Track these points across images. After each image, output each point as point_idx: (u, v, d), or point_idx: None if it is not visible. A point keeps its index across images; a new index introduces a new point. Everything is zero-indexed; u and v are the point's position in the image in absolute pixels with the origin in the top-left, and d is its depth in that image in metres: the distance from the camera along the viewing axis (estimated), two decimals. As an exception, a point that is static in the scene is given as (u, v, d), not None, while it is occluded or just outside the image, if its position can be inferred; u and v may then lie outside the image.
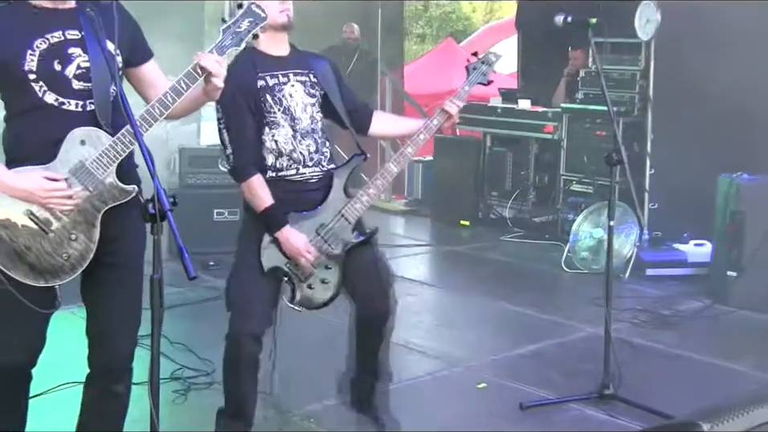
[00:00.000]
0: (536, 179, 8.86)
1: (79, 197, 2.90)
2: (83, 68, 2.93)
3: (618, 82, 8.06)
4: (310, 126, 3.81)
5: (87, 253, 2.94)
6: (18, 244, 2.88)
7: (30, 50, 2.87)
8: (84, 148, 2.91)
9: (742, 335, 5.87)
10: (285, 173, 3.76)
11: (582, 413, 4.45)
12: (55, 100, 2.91)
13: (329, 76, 3.93)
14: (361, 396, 4.14)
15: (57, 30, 2.92)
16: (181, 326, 5.62)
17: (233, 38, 2.99)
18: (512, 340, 5.64)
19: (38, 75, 2.88)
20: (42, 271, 2.91)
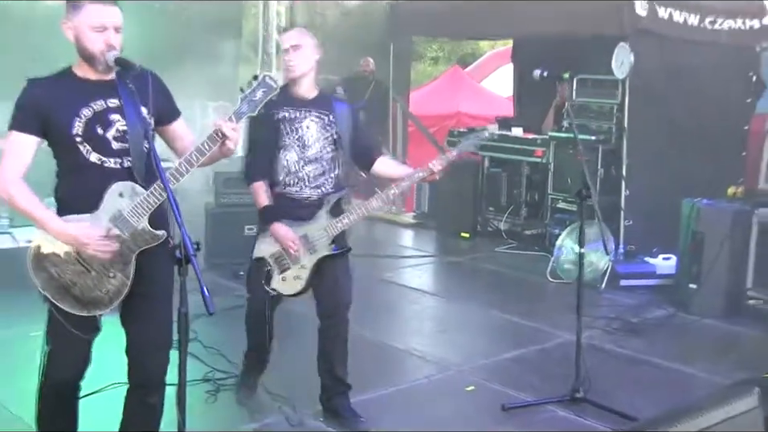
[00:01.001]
0: (527, 197, 8.93)
1: (116, 242, 3.06)
2: (122, 131, 3.10)
3: (599, 114, 8.12)
4: (318, 154, 4.19)
5: (123, 288, 3.11)
6: (66, 280, 3.07)
7: (78, 117, 3.05)
8: (122, 200, 3.08)
9: (699, 341, 5.90)
10: (291, 189, 4.18)
11: (556, 414, 4.51)
12: (98, 159, 3.08)
13: (345, 120, 4.27)
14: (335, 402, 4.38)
15: (100, 99, 3.09)
16: (214, 331, 5.60)
17: (249, 105, 3.11)
18: (499, 346, 5.67)
19: (83, 138, 3.06)
20: (85, 303, 3.09)
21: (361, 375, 4.90)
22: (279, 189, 4.19)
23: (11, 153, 3.06)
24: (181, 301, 2.83)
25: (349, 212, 4.19)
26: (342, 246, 4.25)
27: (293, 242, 4.10)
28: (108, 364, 3.57)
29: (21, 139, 3.05)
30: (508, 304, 6.63)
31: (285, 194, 4.19)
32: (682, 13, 7.70)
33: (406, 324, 6.22)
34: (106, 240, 3.04)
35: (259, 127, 4.15)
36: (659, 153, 7.60)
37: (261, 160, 4.20)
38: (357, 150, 4.33)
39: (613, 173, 7.85)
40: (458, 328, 6.24)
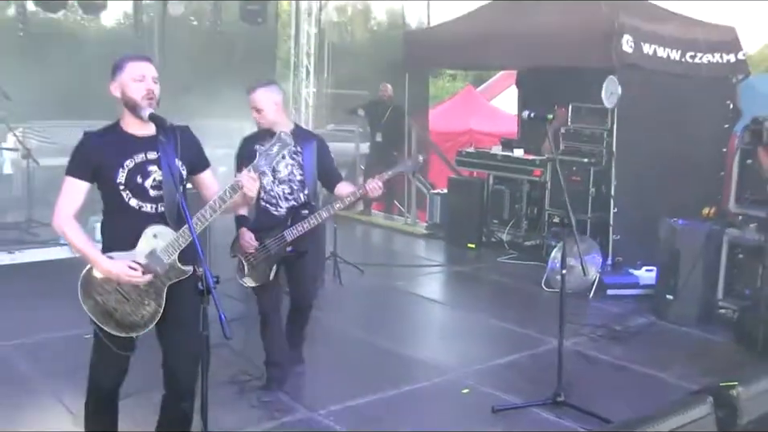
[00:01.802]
0: (527, 211, 9.02)
1: (150, 277, 3.30)
2: (158, 181, 3.32)
3: (591, 138, 8.24)
4: (288, 177, 4.80)
5: (156, 314, 3.36)
6: (109, 307, 3.32)
7: (122, 168, 3.28)
8: (156, 240, 3.31)
9: (674, 348, 5.94)
10: (269, 205, 4.80)
11: (539, 416, 4.61)
12: (137, 204, 3.31)
13: (311, 150, 4.83)
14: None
15: (140, 152, 3.32)
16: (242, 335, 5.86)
17: (267, 159, 3.31)
18: (494, 352, 5.75)
19: (125, 186, 3.29)
20: (125, 326, 3.34)
21: (366, 378, 5.11)
22: (262, 205, 4.81)
23: (66, 195, 3.30)
24: (202, 325, 3.03)
25: (303, 222, 4.69)
26: (298, 249, 4.78)
27: (250, 245, 4.67)
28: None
29: (75, 183, 3.30)
30: (504, 312, 6.72)
31: (266, 210, 4.82)
32: (665, 49, 7.81)
33: (412, 330, 6.37)
34: (141, 275, 3.27)
35: (243, 158, 4.66)
36: (644, 174, 7.71)
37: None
38: (322, 175, 4.90)
39: (603, 191, 7.98)
40: (458, 335, 6.35)
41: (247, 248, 4.67)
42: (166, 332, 3.45)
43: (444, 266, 8.68)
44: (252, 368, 5.16)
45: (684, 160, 7.75)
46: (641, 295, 7.10)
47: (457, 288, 8.10)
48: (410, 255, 9.00)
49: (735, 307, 6.30)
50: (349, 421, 4.50)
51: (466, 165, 9.67)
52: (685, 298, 6.36)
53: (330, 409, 4.62)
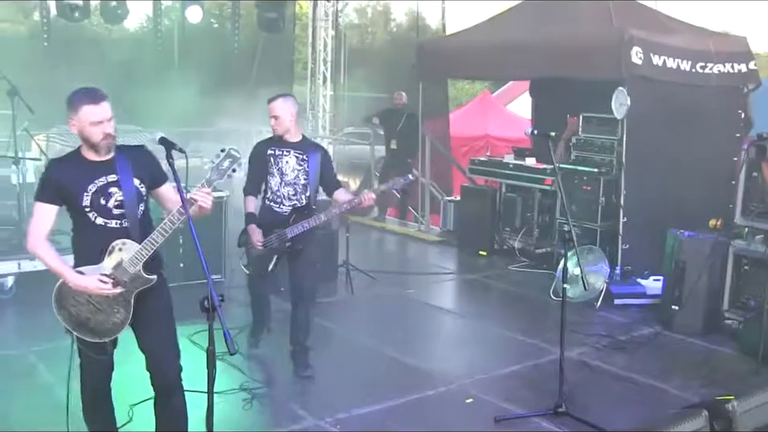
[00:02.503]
0: (539, 219, 9.13)
1: (118, 287, 3.60)
2: (119, 200, 3.63)
3: (601, 148, 8.33)
4: (293, 180, 5.41)
5: (126, 320, 3.68)
6: (82, 317, 3.65)
7: (85, 192, 3.59)
8: (121, 253, 3.62)
9: (677, 358, 6.03)
10: (274, 204, 5.44)
11: (540, 426, 4.73)
12: (102, 222, 3.63)
13: (316, 159, 5.42)
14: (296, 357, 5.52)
15: (101, 176, 3.62)
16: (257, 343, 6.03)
17: (218, 173, 3.59)
18: (500, 361, 5.85)
19: (90, 207, 3.60)
20: (98, 333, 3.67)
21: (373, 387, 5.24)
22: (267, 203, 5.48)
23: (37, 219, 3.60)
24: (209, 341, 3.23)
25: (303, 222, 5.30)
26: (296, 245, 5.35)
27: (259, 240, 5.32)
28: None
29: (44, 208, 3.60)
30: (512, 322, 6.84)
31: (270, 207, 5.46)
32: (675, 60, 7.87)
33: (420, 339, 6.46)
34: (111, 287, 3.57)
35: (255, 159, 5.47)
36: (654, 184, 7.78)
37: (253, 182, 5.49)
38: (323, 182, 5.51)
39: (613, 201, 8.05)
40: (465, 344, 6.46)
41: (255, 244, 5.33)
42: (143, 336, 3.78)
43: (455, 274, 8.78)
44: (259, 376, 5.34)
45: (694, 170, 7.81)
46: (648, 304, 7.18)
47: (467, 297, 8.21)
48: (422, 263, 9.12)
49: (740, 318, 6.37)
50: (354, 428, 4.63)
51: (478, 173, 9.78)
52: (690, 308, 6.44)
53: (337, 417, 4.76)
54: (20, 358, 5.59)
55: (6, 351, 5.71)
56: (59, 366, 5.22)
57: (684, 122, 7.80)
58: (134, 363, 3.88)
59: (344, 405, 4.92)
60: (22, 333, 6.17)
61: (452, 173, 11.14)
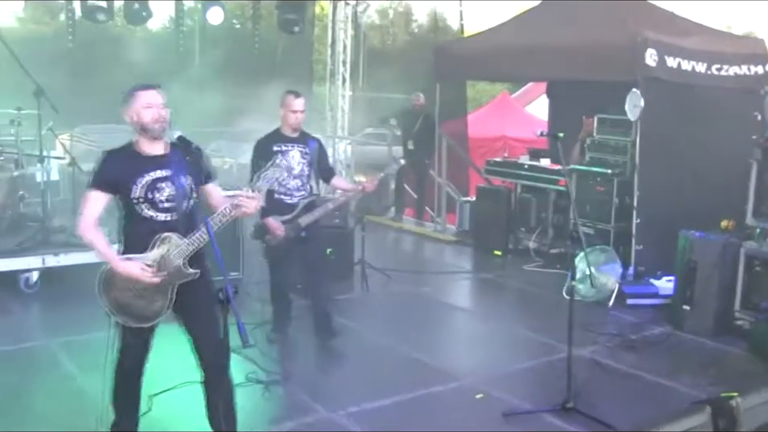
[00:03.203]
0: (553, 220, 9.17)
1: (160, 277, 3.77)
2: (169, 195, 3.79)
3: (615, 149, 8.39)
4: (299, 173, 5.80)
5: (164, 309, 3.86)
6: (124, 302, 3.83)
7: (136, 185, 3.76)
8: (167, 246, 3.80)
9: (687, 358, 6.08)
10: (283, 196, 5.77)
11: (548, 421, 4.80)
12: (151, 215, 3.80)
13: (315, 149, 5.87)
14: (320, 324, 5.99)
15: (153, 170, 3.80)
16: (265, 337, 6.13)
17: (266, 181, 3.80)
18: (511, 358, 5.94)
19: (141, 199, 3.77)
20: (137, 318, 3.86)
21: (384, 382, 5.35)
22: (276, 196, 5.75)
23: (89, 206, 3.82)
24: (223, 331, 3.42)
25: (314, 211, 5.82)
26: (310, 232, 5.83)
27: (279, 229, 5.70)
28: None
29: (96, 196, 3.81)
30: (524, 320, 6.92)
31: (280, 200, 5.78)
32: (690, 62, 7.91)
33: (433, 337, 6.56)
34: (153, 275, 3.75)
35: (258, 156, 5.63)
36: (667, 186, 7.80)
37: None
38: (321, 169, 5.98)
39: (627, 202, 8.11)
40: (477, 342, 6.57)
41: (277, 233, 5.71)
42: (189, 321, 3.95)
43: (470, 273, 8.88)
44: (274, 369, 5.45)
45: (708, 171, 7.83)
46: (660, 304, 7.21)
47: (481, 296, 8.31)
48: (437, 262, 9.23)
49: (751, 319, 6.40)
50: (365, 422, 4.74)
51: (494, 173, 9.88)
52: (701, 309, 6.49)
53: (348, 410, 4.87)
54: (44, 349, 5.77)
55: (30, 342, 5.90)
56: (82, 357, 5.47)
57: (699, 124, 7.84)
58: (153, 356, 4.04)
59: (355, 399, 5.03)
60: (46, 326, 6.37)
61: (468, 173, 11.24)
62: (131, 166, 3.79)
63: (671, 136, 7.78)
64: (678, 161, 7.80)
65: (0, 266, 6.94)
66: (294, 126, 5.78)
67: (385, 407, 4.97)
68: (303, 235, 5.80)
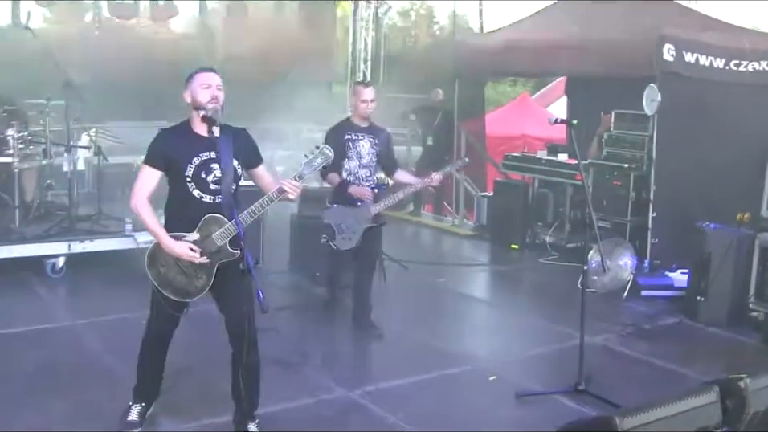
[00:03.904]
0: (570, 214, 9.24)
1: (205, 256, 3.89)
2: (218, 177, 3.90)
3: (633, 144, 8.45)
4: (368, 162, 5.92)
5: (206, 286, 3.98)
6: (169, 277, 3.97)
7: (190, 164, 3.90)
8: (212, 227, 3.90)
9: (700, 346, 6.16)
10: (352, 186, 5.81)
11: (559, 402, 4.90)
12: (199, 195, 3.93)
13: (384, 141, 6.01)
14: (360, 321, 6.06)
15: (205, 152, 3.92)
16: (293, 322, 6.35)
17: (310, 168, 3.89)
18: (525, 345, 6.03)
19: (191, 179, 3.90)
20: (179, 293, 4.00)
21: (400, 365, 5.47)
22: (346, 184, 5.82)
23: (142, 182, 3.97)
24: (243, 301, 3.63)
25: (384, 201, 5.87)
26: (379, 222, 5.96)
27: (366, 193, 5.81)
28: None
29: (150, 172, 3.96)
30: (540, 309, 7.01)
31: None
32: (708, 57, 7.95)
33: (448, 325, 6.65)
34: (199, 255, 3.88)
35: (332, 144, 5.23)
36: (684, 180, 7.86)
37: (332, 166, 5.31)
38: (386, 162, 6.08)
39: (643, 196, 8.17)
40: (492, 330, 6.68)
41: (365, 195, 5.80)
42: (222, 298, 4.09)
43: (487, 265, 8.98)
44: (296, 350, 5.62)
45: (725, 166, 7.83)
46: (675, 296, 7.27)
47: (497, 286, 8.41)
48: (454, 255, 9.33)
49: (765, 310, 6.45)
50: (380, 400, 4.87)
51: (512, 168, 9.97)
52: (715, 299, 6.56)
53: (364, 389, 5.00)
54: (70, 330, 5.95)
55: (56, 323, 6.08)
56: (107, 337, 5.64)
57: (717, 119, 7.87)
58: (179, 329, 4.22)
59: (372, 379, 5.19)
60: (72, 308, 6.56)
61: (485, 169, 11.31)
62: (184, 145, 3.93)
63: (688, 130, 7.83)
64: (695, 156, 7.84)
65: (28, 251, 7.13)
66: (364, 115, 5.87)
67: (400, 386, 5.10)
68: (370, 225, 5.88)
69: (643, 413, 3.97)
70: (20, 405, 4.55)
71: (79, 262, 7.33)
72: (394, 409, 4.73)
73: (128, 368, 4.42)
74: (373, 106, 5.87)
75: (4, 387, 4.80)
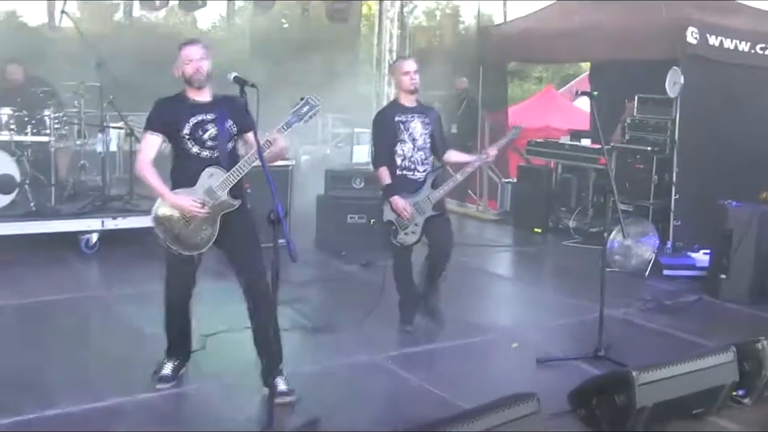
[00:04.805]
0: (593, 199, 9.30)
1: (207, 207, 4.15)
2: (213, 135, 4.20)
3: (655, 127, 8.51)
4: (423, 145, 5.44)
5: (211, 238, 4.24)
6: (175, 232, 4.21)
7: (187, 123, 4.19)
8: (212, 179, 4.19)
9: (720, 321, 6.22)
10: (407, 172, 5.40)
11: (579, 367, 4.98)
12: (197, 151, 4.20)
13: (435, 120, 5.55)
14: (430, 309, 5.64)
15: (201, 114, 4.23)
16: (318, 295, 6.51)
17: (297, 117, 4.15)
18: (547, 317, 6.14)
19: (189, 136, 4.18)
20: (187, 246, 4.24)
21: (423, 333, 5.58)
22: (399, 172, 5.40)
23: (145, 147, 4.27)
24: (274, 250, 3.72)
25: (444, 186, 5.40)
26: (441, 210, 5.46)
27: (406, 210, 5.31)
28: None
29: (151, 137, 4.26)
30: (562, 286, 7.09)
31: (404, 176, 5.42)
32: (733, 40, 8.01)
33: (472, 298, 6.74)
34: (200, 206, 4.14)
35: (382, 128, 5.44)
36: (705, 162, 7.92)
37: (383, 152, 5.44)
38: (438, 143, 5.55)
39: (666, 179, 8.23)
40: (515, 303, 6.82)
41: (402, 213, 5.31)
42: (232, 254, 4.34)
43: (510, 246, 9.09)
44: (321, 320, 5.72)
45: (748, 149, 7.89)
46: (696, 276, 7.30)
47: (520, 265, 8.53)
48: (478, 237, 9.42)
49: (786, 286, 6.50)
50: (403, 363, 4.99)
51: (535, 153, 10.04)
52: (737, 277, 6.59)
53: (389, 354, 5.12)
54: (102, 299, 6.14)
55: (91, 293, 6.30)
56: (138, 305, 5.82)
57: (741, 102, 7.92)
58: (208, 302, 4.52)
59: (395, 345, 5.30)
60: (104, 280, 6.79)
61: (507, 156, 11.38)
62: (180, 110, 4.24)
63: (711, 114, 7.89)
64: (718, 138, 7.88)
65: (63, 227, 7.35)
66: (410, 88, 5.39)
67: (423, 351, 5.23)
68: (432, 214, 5.40)
69: (660, 369, 4.09)
70: (58, 359, 4.76)
71: (112, 239, 7.53)
72: (417, 372, 4.86)
73: (160, 331, 4.59)
74: (417, 78, 5.39)
75: (43, 345, 5.03)
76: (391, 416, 4.34)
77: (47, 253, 7.18)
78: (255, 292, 4.22)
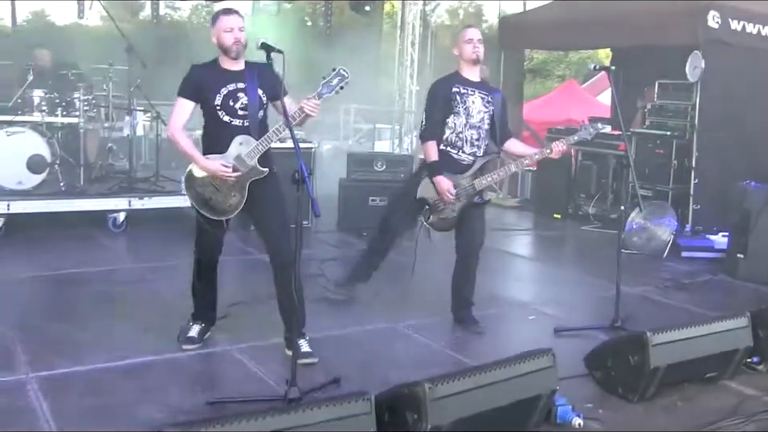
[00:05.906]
0: (613, 185, 9.35)
1: (237, 174, 4.27)
2: (244, 104, 4.30)
3: (675, 113, 8.56)
4: (478, 123, 4.98)
5: (240, 204, 4.35)
6: (205, 196, 4.34)
7: (218, 94, 4.29)
8: (242, 147, 4.31)
9: (736, 299, 6.26)
10: (450, 149, 4.97)
11: (595, 337, 5.01)
12: (229, 120, 4.31)
13: (499, 102, 5.09)
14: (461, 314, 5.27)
15: (232, 83, 4.32)
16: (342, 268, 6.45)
17: (328, 88, 4.23)
18: (565, 293, 6.27)
19: (221, 106, 4.29)
20: (217, 211, 4.36)
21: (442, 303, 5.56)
22: (442, 147, 4.99)
23: (177, 111, 4.37)
24: (298, 212, 3.81)
25: (493, 173, 5.01)
26: (484, 199, 5.10)
27: (450, 192, 4.94)
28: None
29: (183, 103, 4.34)
30: (581, 266, 7.21)
31: (447, 152, 5.00)
32: (756, 25, 8.02)
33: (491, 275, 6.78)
34: (230, 172, 4.26)
35: (437, 98, 4.97)
36: (725, 147, 7.96)
37: (435, 124, 4.98)
38: (499, 129, 5.09)
39: (686, 164, 8.27)
40: (534, 280, 6.94)
41: (444, 195, 4.93)
42: (259, 221, 4.48)
43: (530, 230, 9.22)
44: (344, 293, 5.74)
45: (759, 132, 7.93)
46: (715, 258, 7.37)
47: (540, 247, 8.64)
48: (498, 222, 9.48)
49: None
50: (423, 331, 5.12)
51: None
52: (755, 256, 6.64)
53: (407, 322, 5.24)
54: (132, 271, 6.32)
55: (119, 265, 6.48)
56: (166, 276, 5.99)
57: (762, 87, 7.95)
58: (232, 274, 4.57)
59: (414, 314, 5.40)
60: (132, 255, 6.96)
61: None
62: (213, 78, 4.33)
63: (732, 98, 7.91)
64: (738, 123, 7.92)
65: (91, 205, 7.54)
66: (473, 57, 4.94)
67: (440, 321, 5.30)
68: (476, 201, 5.05)
69: (674, 331, 4.17)
70: (87, 323, 4.94)
71: (138, 219, 7.71)
72: (437, 338, 4.99)
73: (187, 300, 4.74)
74: (481, 48, 4.96)
75: (73, 311, 5.22)
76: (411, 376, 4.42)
77: (76, 231, 7.38)
78: (282, 258, 4.33)
